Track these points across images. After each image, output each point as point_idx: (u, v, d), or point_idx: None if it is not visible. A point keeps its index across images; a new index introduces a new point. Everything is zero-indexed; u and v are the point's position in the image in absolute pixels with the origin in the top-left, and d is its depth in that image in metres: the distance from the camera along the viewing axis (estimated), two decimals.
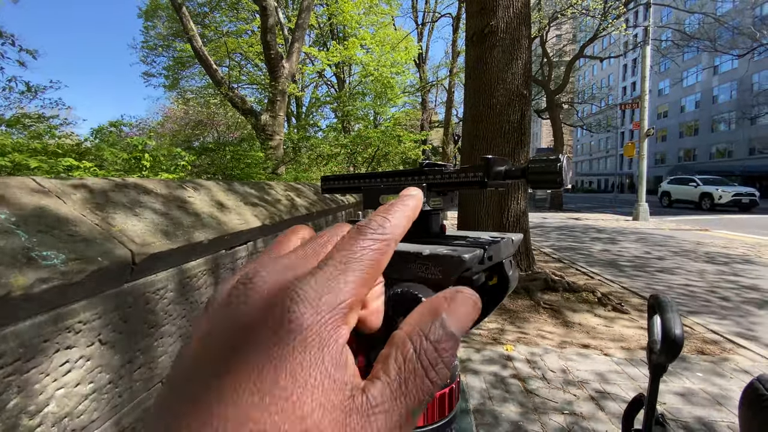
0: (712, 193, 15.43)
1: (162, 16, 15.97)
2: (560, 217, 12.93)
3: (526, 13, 3.81)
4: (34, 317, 0.68)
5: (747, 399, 0.70)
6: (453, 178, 0.31)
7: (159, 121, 17.92)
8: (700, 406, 1.98)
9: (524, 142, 3.86)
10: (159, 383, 1.01)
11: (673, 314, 0.68)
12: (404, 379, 0.15)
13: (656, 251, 6.48)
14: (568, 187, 0.30)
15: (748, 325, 3.16)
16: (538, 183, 0.30)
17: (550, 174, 0.29)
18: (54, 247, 0.75)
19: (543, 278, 3.87)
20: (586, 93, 39.80)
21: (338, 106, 15.99)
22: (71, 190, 0.96)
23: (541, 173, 0.29)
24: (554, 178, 0.29)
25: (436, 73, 21.38)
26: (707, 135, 36.44)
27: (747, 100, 30.48)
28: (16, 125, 4.02)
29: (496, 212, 3.88)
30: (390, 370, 0.15)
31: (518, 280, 2.22)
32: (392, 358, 0.15)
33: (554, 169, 0.29)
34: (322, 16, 15.81)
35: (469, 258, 0.24)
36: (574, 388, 2.15)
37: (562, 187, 0.29)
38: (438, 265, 0.24)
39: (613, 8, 14.09)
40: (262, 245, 1.70)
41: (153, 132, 7.81)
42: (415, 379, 0.15)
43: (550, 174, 0.29)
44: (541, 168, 0.29)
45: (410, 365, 0.15)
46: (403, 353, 0.15)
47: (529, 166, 0.30)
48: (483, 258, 0.26)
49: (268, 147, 7.09)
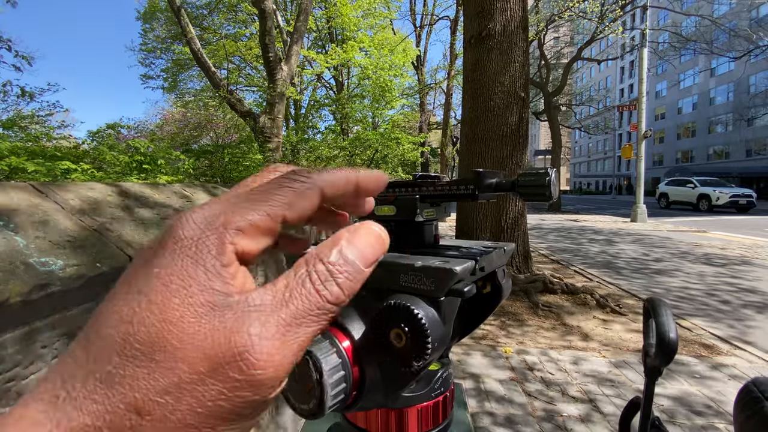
0: (709, 195, 15.49)
1: (160, 19, 15.97)
2: (558, 219, 12.95)
3: (524, 16, 3.83)
4: (33, 323, 0.69)
5: (742, 402, 0.71)
6: (445, 191, 0.32)
7: (157, 123, 17.92)
8: (696, 409, 1.98)
9: (522, 144, 3.87)
10: None
11: (667, 317, 0.68)
12: (290, 289, 0.15)
13: (654, 253, 6.49)
14: (554, 200, 0.31)
15: (745, 327, 3.17)
16: (527, 195, 0.30)
17: (539, 187, 0.30)
18: (52, 253, 0.75)
19: (541, 280, 3.87)
20: (583, 95, 39.88)
21: (337, 108, 16.01)
22: (70, 194, 0.96)
23: (530, 186, 0.30)
24: (543, 191, 0.30)
25: (434, 76, 21.44)
26: (704, 137, 36.58)
27: (744, 102, 30.61)
28: (12, 127, 4.02)
29: (494, 214, 3.89)
30: (278, 282, 0.16)
31: (517, 282, 2.25)
32: (284, 275, 0.16)
33: (543, 182, 0.30)
34: (320, 19, 15.83)
35: (460, 270, 0.25)
36: (572, 390, 2.15)
37: (550, 200, 0.30)
38: (430, 277, 0.25)
39: (610, 11, 14.16)
40: None
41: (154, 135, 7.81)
42: (301, 290, 0.15)
43: (539, 187, 0.30)
44: (530, 181, 0.30)
45: (299, 279, 0.16)
46: (295, 271, 0.16)
47: (518, 180, 0.31)
48: (474, 269, 0.27)
49: (267, 149, 7.09)
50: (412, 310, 0.23)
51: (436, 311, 0.24)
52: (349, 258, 0.17)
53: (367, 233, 0.18)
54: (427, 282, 0.25)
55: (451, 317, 0.26)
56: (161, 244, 0.16)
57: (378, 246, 0.18)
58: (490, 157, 3.82)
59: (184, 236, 0.15)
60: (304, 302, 0.15)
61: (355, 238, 0.17)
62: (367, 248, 0.17)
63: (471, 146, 3.96)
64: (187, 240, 0.15)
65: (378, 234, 0.18)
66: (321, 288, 0.16)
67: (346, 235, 0.18)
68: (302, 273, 0.16)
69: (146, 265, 0.15)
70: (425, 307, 0.24)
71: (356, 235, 0.18)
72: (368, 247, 0.18)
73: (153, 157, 2.85)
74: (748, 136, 31.72)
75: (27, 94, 5.23)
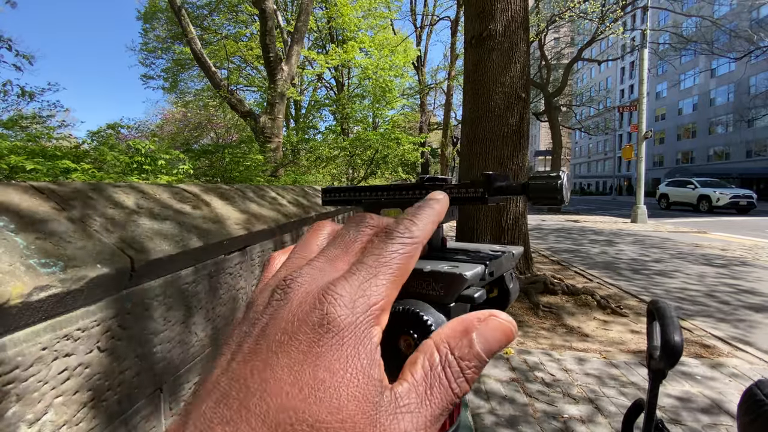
0: (710, 196, 15.48)
1: (161, 19, 15.96)
2: (558, 220, 12.94)
3: (525, 16, 3.82)
4: (33, 325, 0.68)
5: (745, 404, 0.71)
6: (454, 193, 0.31)
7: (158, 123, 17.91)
8: (698, 410, 1.98)
9: (523, 144, 3.87)
10: (158, 390, 1.00)
11: (672, 320, 0.68)
12: (430, 385, 0.16)
13: (654, 254, 6.49)
14: (566, 204, 0.30)
15: (746, 328, 3.17)
16: (538, 200, 0.30)
17: (550, 191, 0.29)
18: (53, 255, 0.74)
19: (542, 281, 3.87)
20: (584, 96, 39.92)
21: (337, 108, 16.01)
22: (70, 195, 0.96)
23: (542, 190, 0.30)
24: (554, 196, 0.29)
25: (434, 76, 21.44)
26: (705, 137, 36.58)
27: (744, 103, 30.62)
28: (12, 127, 4.02)
29: (494, 214, 3.88)
30: (417, 373, 0.16)
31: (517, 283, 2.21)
32: (420, 363, 0.17)
33: (555, 186, 0.29)
34: (321, 19, 15.84)
35: (471, 275, 0.24)
36: (573, 392, 2.15)
37: (562, 204, 0.29)
38: (439, 282, 0.24)
39: (610, 12, 14.16)
40: (259, 250, 1.69)
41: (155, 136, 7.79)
42: (440, 387, 0.16)
43: (550, 191, 0.29)
44: (541, 185, 0.30)
45: (435, 373, 0.16)
46: (430, 361, 0.17)
47: (529, 183, 0.30)
48: (484, 274, 0.26)
49: (267, 149, 7.09)
50: (421, 317, 0.22)
51: (445, 318, 0.24)
52: (478, 353, 0.17)
53: (498, 327, 0.18)
54: (437, 287, 0.24)
55: None
56: (317, 327, 0.16)
57: (505, 341, 0.18)
58: (491, 158, 3.81)
59: (341, 322, 0.16)
60: (442, 400, 0.16)
61: (487, 331, 0.18)
62: (495, 343, 0.18)
63: (472, 147, 3.96)
64: (344, 325, 0.16)
65: (509, 329, 0.18)
66: (455, 386, 0.16)
67: (477, 325, 0.18)
68: (436, 364, 0.16)
69: (305, 350, 0.15)
70: (435, 313, 0.23)
71: (487, 328, 0.18)
72: (496, 342, 0.18)
73: (153, 158, 2.85)
74: (748, 137, 31.71)
75: (27, 94, 5.22)
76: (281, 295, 0.17)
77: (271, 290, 0.18)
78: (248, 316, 0.18)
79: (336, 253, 0.20)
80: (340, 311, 0.16)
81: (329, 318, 0.16)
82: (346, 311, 0.16)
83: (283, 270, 0.20)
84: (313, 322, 0.16)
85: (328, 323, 0.16)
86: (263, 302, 0.18)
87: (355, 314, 0.16)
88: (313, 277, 0.18)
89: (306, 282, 0.18)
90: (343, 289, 0.17)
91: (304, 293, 0.17)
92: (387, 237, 0.19)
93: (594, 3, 13.75)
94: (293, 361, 0.15)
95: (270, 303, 0.18)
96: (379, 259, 0.18)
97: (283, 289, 0.18)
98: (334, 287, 0.17)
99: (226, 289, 1.38)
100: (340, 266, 0.19)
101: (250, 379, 0.15)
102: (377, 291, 0.17)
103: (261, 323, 0.17)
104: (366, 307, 0.17)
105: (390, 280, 0.18)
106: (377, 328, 0.17)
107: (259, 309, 0.18)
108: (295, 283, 0.18)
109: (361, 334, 0.16)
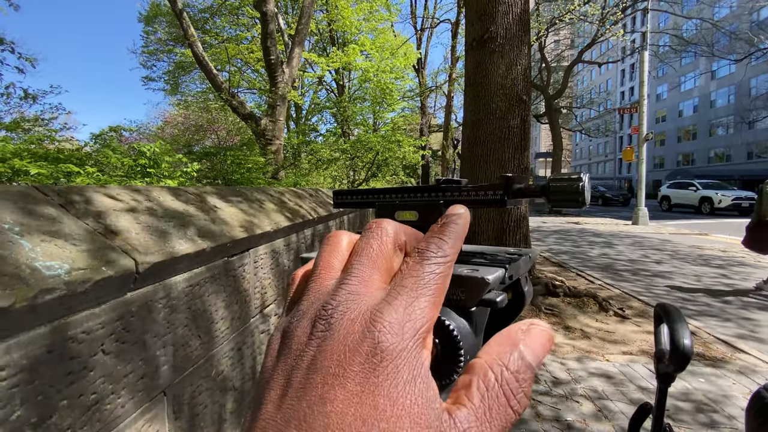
0: (711, 198, 15.47)
1: (162, 22, 16.03)
2: (559, 221, 12.93)
3: (526, 19, 3.83)
4: (38, 328, 0.68)
5: (754, 408, 0.70)
6: (471, 196, 0.30)
7: (159, 125, 17.95)
8: (702, 411, 1.97)
9: (524, 146, 3.87)
10: (161, 393, 1.00)
11: (681, 324, 0.67)
12: (488, 407, 0.16)
13: (655, 255, 6.48)
14: (586, 207, 0.30)
15: (750, 328, 3.15)
16: (558, 202, 0.29)
17: (572, 193, 0.28)
18: (58, 257, 0.74)
19: (544, 283, 3.86)
20: (584, 97, 39.87)
21: (338, 111, 16.03)
22: (75, 198, 0.96)
23: (563, 192, 0.29)
24: (576, 198, 0.28)
25: (435, 79, 21.47)
26: (705, 139, 36.57)
27: (745, 105, 30.62)
28: (15, 129, 4.02)
29: (496, 216, 3.88)
30: (474, 396, 0.16)
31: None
32: (474, 386, 0.16)
33: (576, 188, 0.28)
34: (321, 22, 15.88)
35: (492, 279, 0.24)
36: (576, 394, 2.14)
37: (583, 206, 0.29)
38: (460, 287, 0.24)
39: (610, 14, 14.20)
40: (264, 252, 1.69)
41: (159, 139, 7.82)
42: (498, 407, 0.16)
43: (572, 193, 0.28)
44: (562, 187, 0.29)
45: (493, 393, 0.16)
46: (485, 382, 0.16)
47: (549, 185, 0.29)
48: (504, 278, 0.26)
49: (268, 152, 7.09)
50: (443, 321, 0.22)
51: (467, 322, 0.23)
52: (530, 363, 0.17)
53: (541, 334, 0.18)
54: (458, 291, 0.24)
55: (482, 328, 0.25)
56: (370, 357, 0.16)
57: (549, 345, 0.19)
58: (492, 160, 3.81)
59: (394, 349, 0.16)
60: (502, 420, 0.16)
61: (531, 340, 0.18)
62: (540, 350, 0.18)
63: (473, 149, 3.96)
64: (396, 352, 0.16)
65: (550, 335, 0.19)
66: (515, 404, 0.16)
67: (521, 337, 0.18)
68: (493, 384, 0.16)
69: (361, 381, 0.15)
70: (456, 318, 0.23)
71: (531, 337, 0.18)
72: (542, 348, 0.18)
73: (156, 160, 2.85)
74: (749, 138, 31.70)
75: (30, 97, 5.24)
76: (325, 326, 0.17)
77: (310, 321, 0.18)
78: (290, 348, 0.18)
79: (366, 272, 0.19)
80: (391, 339, 0.16)
81: (381, 347, 0.16)
82: (397, 338, 0.16)
83: (312, 294, 0.20)
84: (366, 351, 0.16)
85: (382, 351, 0.16)
86: (304, 333, 0.18)
87: (404, 340, 0.16)
88: (353, 302, 0.18)
89: (348, 309, 0.17)
90: (390, 316, 0.17)
91: (348, 322, 0.17)
92: (422, 258, 0.19)
93: (594, 5, 13.79)
94: (351, 394, 0.15)
95: (314, 334, 0.17)
96: (418, 281, 0.18)
97: (327, 320, 0.17)
98: (381, 314, 0.17)
99: (230, 291, 1.38)
100: (375, 287, 0.19)
101: (310, 416, 0.15)
102: (422, 314, 0.17)
103: (308, 356, 0.17)
104: (414, 331, 0.17)
105: (431, 301, 0.18)
106: (426, 351, 0.17)
107: (301, 341, 0.18)
108: (336, 312, 0.17)
109: (413, 359, 0.16)
